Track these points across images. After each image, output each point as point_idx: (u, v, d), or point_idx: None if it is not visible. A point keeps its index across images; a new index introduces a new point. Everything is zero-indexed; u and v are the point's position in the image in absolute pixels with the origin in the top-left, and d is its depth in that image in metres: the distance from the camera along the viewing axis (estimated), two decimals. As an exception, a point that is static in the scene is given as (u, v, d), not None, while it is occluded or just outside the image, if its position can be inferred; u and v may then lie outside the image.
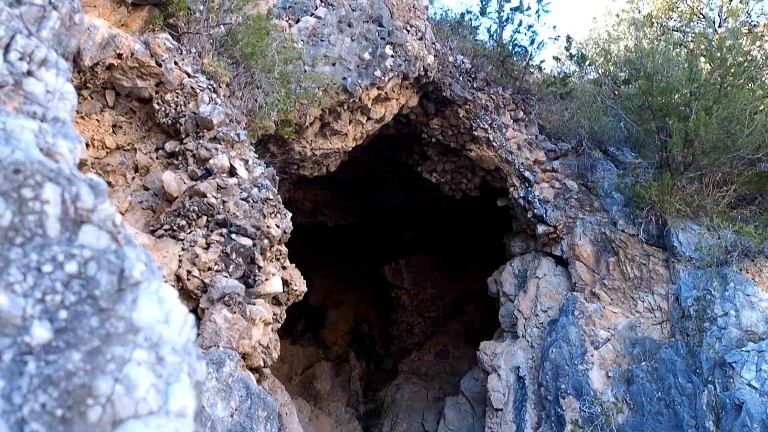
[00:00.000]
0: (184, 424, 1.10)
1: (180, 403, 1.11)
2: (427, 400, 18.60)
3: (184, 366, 1.16)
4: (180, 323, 1.22)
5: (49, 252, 1.16)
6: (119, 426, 1.06)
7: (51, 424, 1.00)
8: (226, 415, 5.73)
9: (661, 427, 10.37)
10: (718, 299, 10.57)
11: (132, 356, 1.13)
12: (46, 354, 1.06)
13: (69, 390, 1.04)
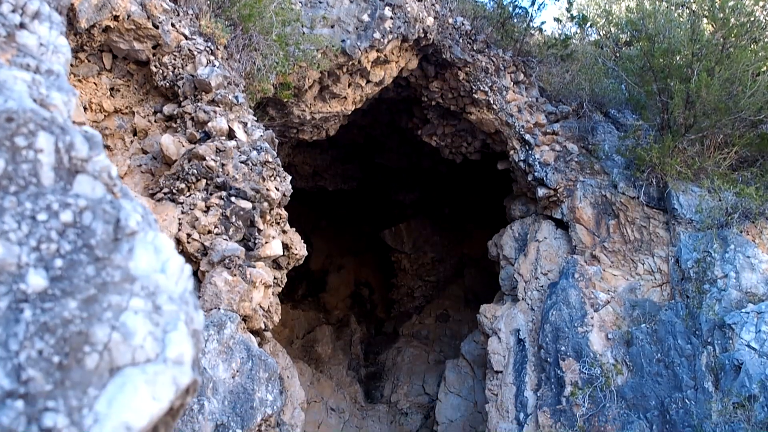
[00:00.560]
0: (181, 372, 1.09)
1: (177, 350, 1.10)
2: (428, 363, 18.75)
3: (182, 315, 1.15)
4: (177, 273, 1.21)
5: (43, 201, 1.15)
6: (117, 373, 1.06)
7: (48, 371, 0.99)
8: (227, 377, 5.76)
9: (660, 387, 10.44)
10: (718, 261, 10.59)
11: (129, 305, 1.12)
12: (42, 302, 1.06)
13: (66, 337, 1.03)
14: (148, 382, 1.05)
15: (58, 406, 0.97)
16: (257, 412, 5.91)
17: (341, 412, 17.70)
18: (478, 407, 15.95)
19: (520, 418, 12.06)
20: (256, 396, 5.95)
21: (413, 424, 18.22)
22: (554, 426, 11.12)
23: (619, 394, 10.73)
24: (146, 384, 1.05)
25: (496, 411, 12.72)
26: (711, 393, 9.87)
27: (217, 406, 5.60)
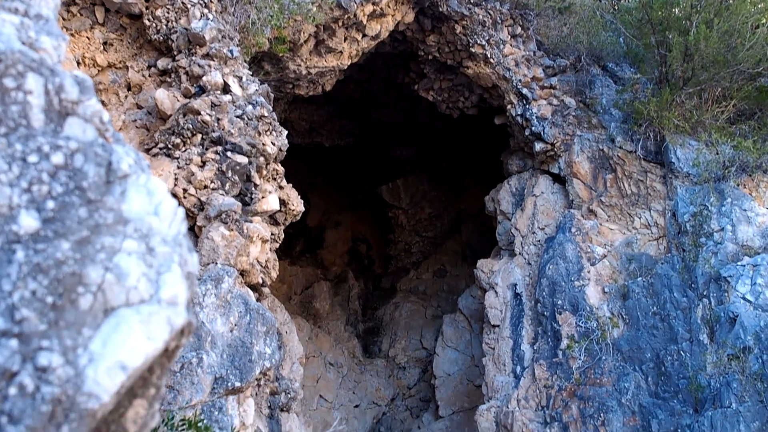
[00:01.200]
0: (176, 313, 1.09)
1: (171, 291, 1.10)
2: (425, 318, 18.88)
3: (175, 256, 1.15)
4: (170, 215, 1.21)
5: (34, 143, 1.14)
6: (111, 314, 1.05)
7: (42, 311, 0.99)
8: (225, 331, 5.79)
9: (655, 340, 10.53)
10: (715, 214, 10.60)
11: (122, 246, 1.11)
12: (34, 243, 1.05)
13: (59, 278, 1.03)
14: (142, 322, 1.05)
15: (53, 346, 0.97)
16: (256, 366, 5.96)
17: (339, 367, 17.87)
18: (475, 361, 16.10)
19: (516, 371, 12.17)
20: (255, 349, 5.99)
21: (411, 378, 18.41)
22: (550, 378, 11.23)
23: (615, 346, 10.82)
24: (141, 324, 1.05)
25: (493, 364, 12.84)
26: (706, 345, 9.95)
27: (216, 359, 5.64)
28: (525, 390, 11.52)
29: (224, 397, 5.66)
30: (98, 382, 0.98)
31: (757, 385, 9.11)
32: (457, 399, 16.16)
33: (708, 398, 9.55)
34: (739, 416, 9.04)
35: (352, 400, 17.63)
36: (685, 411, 9.74)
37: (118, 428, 1.10)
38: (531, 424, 11.04)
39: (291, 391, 10.97)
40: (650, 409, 10.02)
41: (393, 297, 20.26)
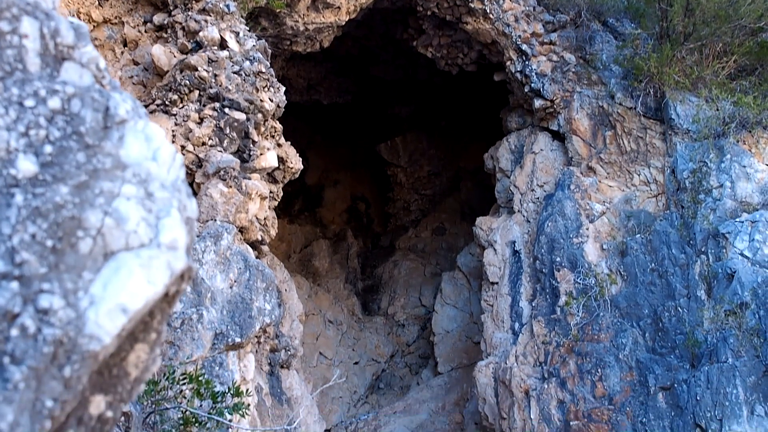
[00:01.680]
0: (176, 257, 1.09)
1: (171, 236, 1.10)
2: (424, 276, 18.96)
3: (174, 202, 1.15)
4: (168, 161, 1.20)
5: (30, 87, 1.13)
6: (111, 258, 1.06)
7: (42, 254, 0.99)
8: (225, 287, 5.82)
9: (653, 297, 10.59)
10: (714, 171, 10.59)
11: (121, 191, 1.11)
12: (33, 187, 1.05)
13: (58, 222, 1.03)
14: (142, 266, 1.05)
15: (54, 288, 0.97)
16: (256, 321, 5.99)
17: (339, 325, 18.00)
18: (473, 318, 16.21)
19: (515, 327, 12.26)
20: (254, 305, 6.02)
21: (410, 335, 18.56)
22: (549, 335, 11.32)
23: (613, 303, 10.89)
24: (141, 268, 1.05)
25: (491, 321, 12.93)
26: (703, 301, 10.01)
27: (216, 315, 5.67)
28: (523, 346, 11.61)
29: (225, 352, 5.70)
30: (99, 325, 0.99)
31: (753, 340, 9.19)
32: (455, 355, 16.30)
33: (704, 353, 9.63)
34: (735, 371, 9.13)
35: (351, 357, 17.79)
36: (682, 366, 9.83)
37: (120, 372, 1.11)
38: (529, 380, 11.15)
39: (291, 348, 11.06)
40: (647, 364, 10.11)
41: (392, 255, 20.32)
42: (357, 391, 17.48)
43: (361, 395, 17.49)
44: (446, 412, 14.99)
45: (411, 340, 18.43)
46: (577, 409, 10.45)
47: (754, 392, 8.99)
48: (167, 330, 5.35)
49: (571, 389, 10.62)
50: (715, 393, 9.19)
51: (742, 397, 9.02)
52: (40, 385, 0.90)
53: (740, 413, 8.98)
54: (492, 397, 11.84)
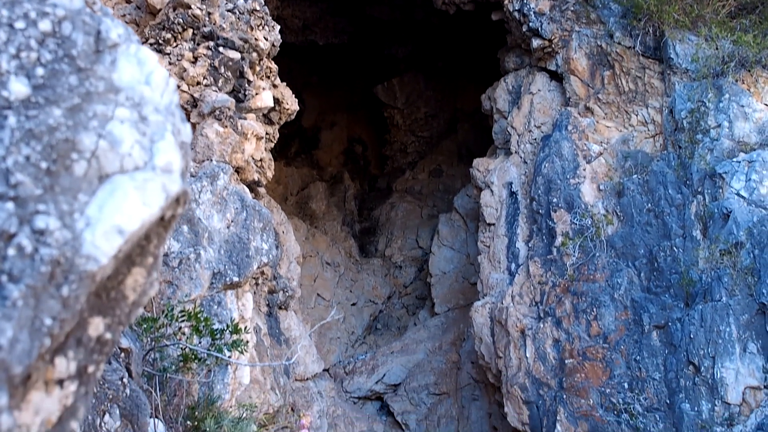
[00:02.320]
0: (171, 180, 1.09)
1: (165, 159, 1.10)
2: (421, 218, 19.01)
3: (168, 125, 1.14)
4: (161, 85, 1.19)
5: (20, 9, 1.11)
6: (106, 180, 1.05)
7: (37, 176, 0.99)
8: (222, 227, 5.83)
9: (649, 237, 10.64)
10: (712, 111, 10.54)
11: (114, 114, 1.10)
12: (26, 109, 1.04)
13: (52, 144, 1.02)
14: (137, 188, 1.05)
15: (49, 210, 0.97)
16: (253, 261, 6.03)
17: (336, 266, 18.10)
18: (470, 259, 16.30)
19: (511, 268, 12.35)
20: (252, 245, 6.04)
21: (407, 276, 18.68)
22: (545, 275, 11.40)
23: (609, 243, 10.94)
24: (136, 190, 1.05)
25: (488, 262, 13.00)
26: (699, 241, 10.06)
27: (214, 255, 5.69)
28: (519, 286, 11.71)
29: (223, 291, 5.75)
30: (96, 246, 0.99)
31: (747, 279, 9.27)
32: (452, 296, 16.44)
33: (699, 292, 9.72)
34: (728, 309, 9.23)
35: (349, 298, 17.94)
36: (676, 305, 9.93)
37: (118, 295, 1.11)
38: (525, 319, 11.27)
39: (289, 290, 11.15)
40: (642, 303, 10.21)
41: (389, 197, 20.33)
42: (355, 331, 17.68)
43: (358, 336, 17.69)
44: (443, 351, 15.18)
45: (408, 282, 18.57)
46: (572, 347, 10.58)
47: (747, 330, 9.10)
48: (166, 269, 5.38)
49: (567, 328, 10.74)
50: (708, 331, 9.30)
51: (735, 335, 9.14)
52: (38, 303, 0.91)
53: (733, 351, 9.10)
54: (488, 336, 11.98)
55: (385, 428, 14.95)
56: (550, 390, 10.68)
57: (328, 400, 13.91)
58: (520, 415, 10.99)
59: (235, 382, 5.38)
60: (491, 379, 12.38)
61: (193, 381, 4.29)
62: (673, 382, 9.57)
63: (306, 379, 13.34)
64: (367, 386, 15.37)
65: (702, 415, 9.16)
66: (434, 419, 14.48)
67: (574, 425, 10.22)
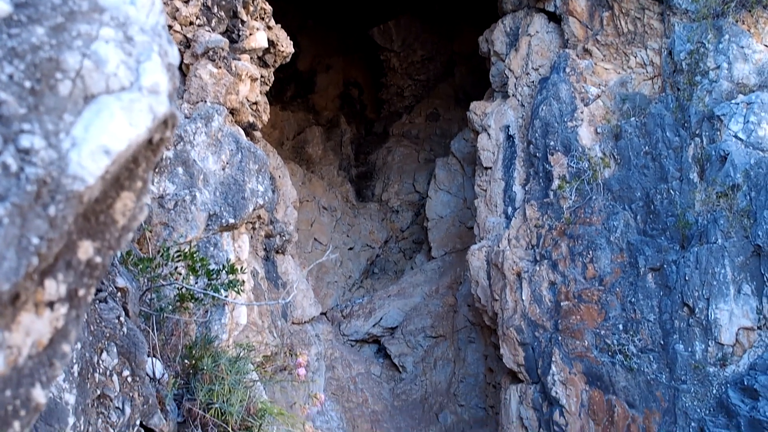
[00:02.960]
0: (158, 101, 1.07)
1: (152, 79, 1.08)
2: (418, 162, 18.97)
3: (155, 46, 1.11)
4: (147, 5, 1.16)
5: (-1, -76, 1.08)
6: (92, 101, 1.03)
7: (20, 95, 0.97)
8: (217, 169, 5.81)
9: (646, 179, 10.63)
10: (712, 52, 10.44)
11: (99, 34, 1.08)
12: (8, 27, 1.01)
13: (36, 63, 1.00)
14: (123, 108, 1.03)
15: (34, 129, 0.95)
16: (249, 203, 6.02)
17: (333, 211, 18.12)
18: (467, 203, 16.33)
19: (508, 212, 12.37)
20: (247, 187, 6.03)
21: (404, 221, 18.72)
22: (541, 218, 11.42)
23: (606, 186, 10.94)
24: (122, 110, 1.03)
25: (484, 206, 13.02)
26: (696, 184, 10.06)
27: (209, 197, 5.68)
28: (516, 230, 11.74)
29: (219, 233, 5.75)
30: (82, 166, 0.97)
31: (743, 222, 9.30)
32: (449, 240, 16.50)
33: (695, 235, 9.76)
34: (724, 251, 9.28)
35: (346, 242, 18.00)
36: (672, 247, 9.97)
37: (107, 219, 1.10)
38: (521, 263, 11.33)
39: (286, 234, 11.17)
40: (638, 246, 10.25)
41: (386, 141, 20.26)
42: (352, 276, 17.78)
43: (355, 280, 17.79)
44: (439, 295, 15.31)
45: (405, 226, 18.62)
46: (567, 290, 10.66)
47: (742, 272, 9.16)
48: (161, 212, 5.38)
49: (563, 271, 10.81)
50: (703, 273, 9.36)
51: (730, 276, 9.20)
52: (25, 222, 0.90)
53: (727, 292, 9.17)
54: (484, 279, 12.06)
55: (382, 370, 15.15)
56: (546, 332, 10.79)
57: (325, 343, 14.06)
58: (516, 356, 11.12)
59: (233, 323, 5.42)
60: (487, 321, 12.51)
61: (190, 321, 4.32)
62: (668, 323, 9.66)
63: (303, 323, 13.46)
64: (365, 329, 15.52)
65: (695, 356, 9.27)
66: (431, 361, 14.66)
67: (569, 366, 10.35)
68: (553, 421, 10.40)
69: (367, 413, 13.91)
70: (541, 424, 10.71)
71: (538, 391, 10.84)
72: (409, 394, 14.56)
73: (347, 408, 13.86)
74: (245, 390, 3.78)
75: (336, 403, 13.74)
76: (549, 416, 10.51)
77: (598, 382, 10.05)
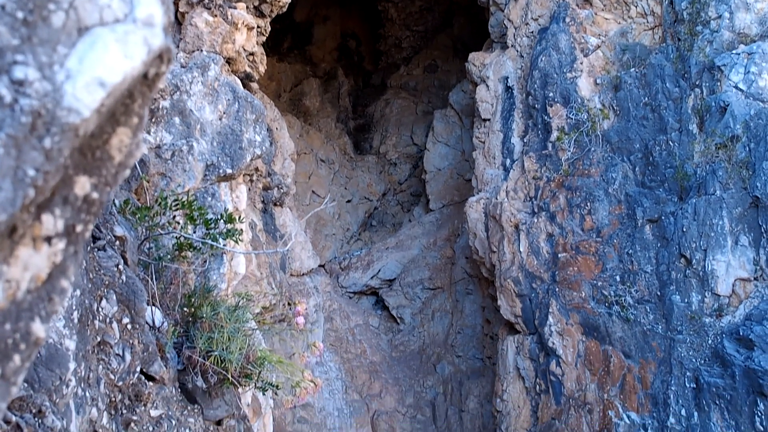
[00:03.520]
0: (153, 34, 1.05)
1: (146, 11, 1.05)
2: (416, 114, 18.87)
3: (149, -23, 1.09)
4: (141, -64, 1.13)
5: None
6: (86, 33, 1.01)
7: (13, 26, 0.95)
8: (214, 118, 5.77)
9: (645, 131, 10.59)
10: (713, 1, 10.32)
11: (92, -36, 1.05)
12: (-3, -43, 0.99)
13: (27, -7, 0.98)
14: (118, 40, 1.02)
15: (28, 60, 0.94)
16: (246, 153, 5.99)
17: (331, 163, 18.08)
18: (465, 156, 16.29)
19: (506, 164, 12.34)
20: (245, 137, 6.00)
21: (401, 173, 18.70)
22: (539, 170, 11.41)
23: (605, 138, 10.91)
24: (117, 42, 1.01)
25: (483, 158, 12.99)
26: (695, 135, 10.03)
27: (206, 147, 5.65)
28: (514, 182, 11.73)
29: (216, 183, 5.74)
30: (77, 98, 0.96)
31: (742, 173, 9.29)
32: (447, 193, 16.50)
33: (693, 186, 9.76)
34: (722, 203, 9.29)
35: (344, 195, 17.99)
36: (670, 199, 9.98)
37: (104, 154, 1.09)
38: (519, 214, 11.34)
39: (283, 187, 11.16)
40: (636, 197, 10.26)
41: (383, 93, 20.13)
42: (350, 228, 17.81)
43: (353, 232, 17.83)
44: (437, 247, 15.35)
45: (403, 179, 18.60)
46: (565, 241, 10.69)
47: (740, 223, 9.18)
48: (158, 161, 5.35)
49: (560, 223, 10.82)
50: (701, 224, 9.38)
51: (728, 227, 9.22)
52: (20, 154, 0.89)
53: (724, 243, 9.21)
54: (482, 231, 12.08)
55: (381, 322, 15.26)
56: (543, 283, 10.84)
57: (324, 295, 14.15)
58: (513, 308, 11.20)
59: (231, 273, 5.44)
60: (485, 273, 12.56)
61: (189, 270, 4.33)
62: (665, 274, 9.71)
63: (302, 275, 13.53)
64: (363, 281, 15.60)
65: (692, 307, 9.34)
66: (428, 313, 14.77)
67: (565, 317, 10.43)
68: (550, 371, 10.52)
69: (365, 364, 14.04)
70: (537, 374, 10.83)
71: (535, 341, 10.93)
72: (407, 346, 14.69)
73: (346, 359, 13.99)
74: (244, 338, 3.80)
75: (334, 354, 13.87)
76: (546, 366, 10.62)
77: (595, 333, 10.14)
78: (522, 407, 10.97)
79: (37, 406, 1.98)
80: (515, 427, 10.94)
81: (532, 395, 10.88)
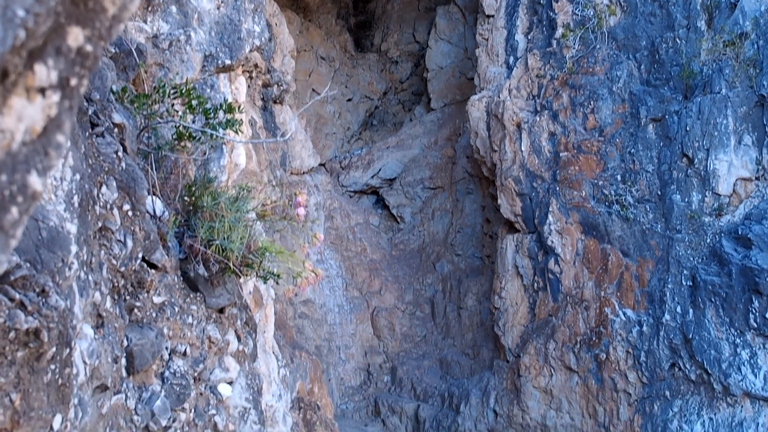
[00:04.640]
0: None
1: None
2: (418, 11, 18.43)
3: None
4: None
5: None
6: None
7: None
8: (212, 7, 5.61)
9: (652, 28, 10.38)
10: None
11: None
12: None
13: None
14: None
15: None
16: (245, 43, 5.86)
17: (331, 61, 17.80)
18: (468, 53, 16.02)
19: (509, 61, 12.14)
20: (243, 27, 5.85)
21: (403, 72, 18.43)
22: (543, 68, 11.23)
23: (611, 35, 10.70)
24: None
25: (486, 56, 12.77)
26: (703, 32, 9.84)
27: (204, 37, 5.52)
28: (517, 80, 11.57)
29: (215, 75, 5.63)
30: (66, -64, 0.90)
31: (749, 71, 9.15)
32: (449, 91, 16.31)
33: (698, 85, 9.63)
34: (727, 101, 9.17)
35: (344, 94, 17.80)
36: (675, 98, 9.86)
37: (97, 6, 1.05)
38: (521, 113, 11.23)
39: (283, 84, 10.99)
40: (640, 96, 10.13)
41: (385, -11, 19.65)
42: (350, 127, 17.69)
43: (354, 131, 17.72)
44: (438, 146, 15.28)
45: (404, 77, 18.34)
46: (567, 140, 10.62)
47: (744, 122, 9.10)
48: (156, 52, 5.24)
49: (563, 122, 10.73)
50: (705, 123, 9.30)
51: (732, 127, 9.14)
52: (6, -6, 0.83)
53: (728, 143, 9.14)
54: (484, 130, 11.99)
55: (381, 220, 15.34)
56: (544, 182, 10.83)
57: (324, 194, 14.16)
58: (513, 206, 11.22)
59: (231, 164, 5.40)
60: (485, 172, 12.54)
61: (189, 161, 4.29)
62: (666, 174, 9.69)
63: (302, 173, 13.50)
64: (363, 180, 15.60)
65: (692, 206, 9.35)
66: (429, 212, 14.83)
67: (565, 216, 10.47)
68: (548, 269, 10.62)
69: (365, 262, 14.19)
70: (536, 272, 10.95)
71: (534, 240, 11.00)
72: (407, 244, 14.81)
73: (346, 257, 14.12)
74: (245, 228, 3.79)
75: (335, 252, 13.99)
76: (544, 264, 10.72)
77: (594, 232, 10.19)
78: (520, 304, 11.14)
79: (40, 286, 1.97)
80: (512, 324, 11.13)
81: (530, 293, 11.03)
